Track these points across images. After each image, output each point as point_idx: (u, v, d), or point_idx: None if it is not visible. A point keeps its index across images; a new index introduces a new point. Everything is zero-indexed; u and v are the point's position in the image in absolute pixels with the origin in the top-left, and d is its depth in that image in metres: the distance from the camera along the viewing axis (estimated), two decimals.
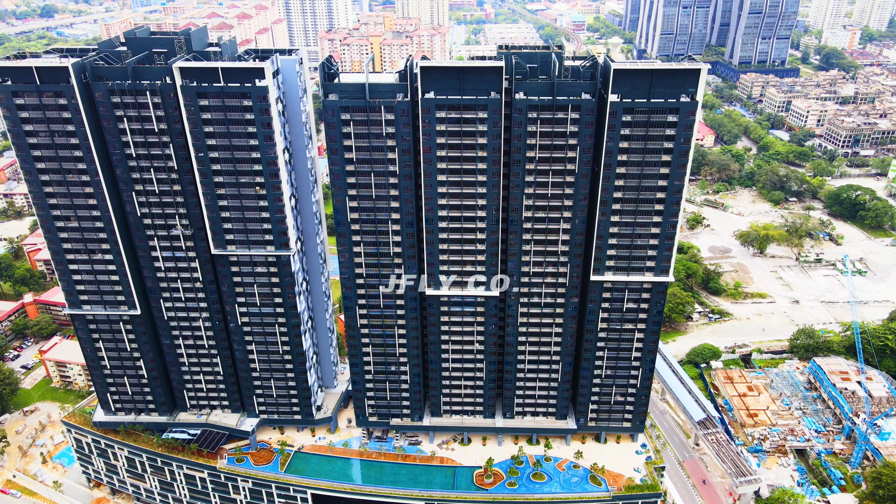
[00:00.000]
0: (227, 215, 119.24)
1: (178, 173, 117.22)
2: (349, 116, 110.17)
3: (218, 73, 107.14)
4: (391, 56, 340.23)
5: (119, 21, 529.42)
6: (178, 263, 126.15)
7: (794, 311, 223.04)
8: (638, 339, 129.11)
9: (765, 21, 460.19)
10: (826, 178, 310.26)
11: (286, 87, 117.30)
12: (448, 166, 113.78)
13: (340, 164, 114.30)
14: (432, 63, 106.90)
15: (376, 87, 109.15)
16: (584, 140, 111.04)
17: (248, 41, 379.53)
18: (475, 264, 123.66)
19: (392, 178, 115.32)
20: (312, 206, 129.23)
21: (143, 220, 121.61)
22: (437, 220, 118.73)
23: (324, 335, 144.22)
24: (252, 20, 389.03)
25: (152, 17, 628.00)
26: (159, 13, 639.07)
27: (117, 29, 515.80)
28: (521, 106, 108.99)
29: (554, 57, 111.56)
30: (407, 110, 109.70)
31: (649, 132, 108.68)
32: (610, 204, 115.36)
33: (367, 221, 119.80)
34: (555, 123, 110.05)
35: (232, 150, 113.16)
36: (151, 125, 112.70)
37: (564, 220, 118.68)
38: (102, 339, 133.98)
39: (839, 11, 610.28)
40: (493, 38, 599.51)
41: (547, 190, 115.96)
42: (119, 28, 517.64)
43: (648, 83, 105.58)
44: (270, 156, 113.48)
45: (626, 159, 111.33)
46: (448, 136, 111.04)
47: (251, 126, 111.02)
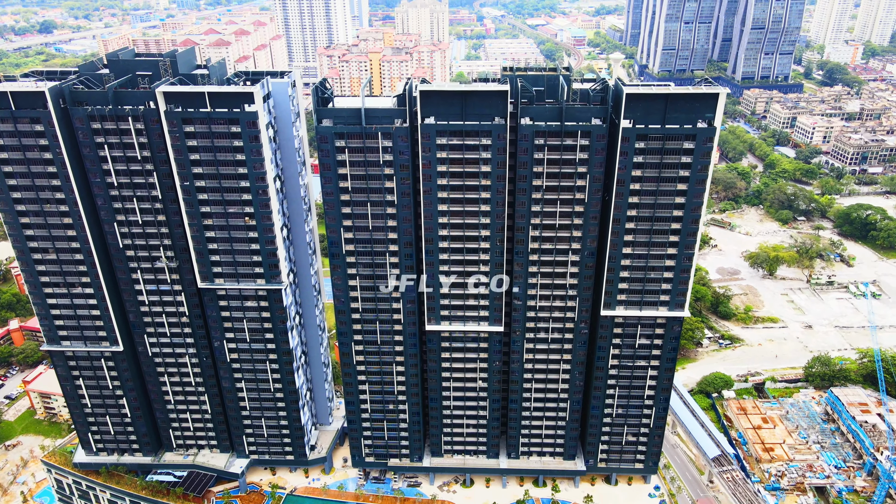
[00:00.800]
0: (214, 247, 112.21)
1: (163, 202, 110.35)
2: (344, 143, 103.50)
3: (204, 97, 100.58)
4: (390, 72, 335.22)
5: (117, 37, 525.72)
6: (163, 297, 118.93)
7: (807, 336, 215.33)
8: (651, 377, 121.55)
9: (767, 36, 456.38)
10: (834, 196, 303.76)
11: (278, 111, 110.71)
12: (449, 195, 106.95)
13: (335, 193, 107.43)
14: (432, 87, 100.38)
15: (373, 112, 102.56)
16: (594, 168, 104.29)
17: (246, 57, 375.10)
18: (478, 298, 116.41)
19: (390, 207, 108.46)
20: (306, 235, 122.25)
21: (125, 251, 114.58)
22: (438, 253, 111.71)
23: (318, 370, 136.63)
24: (250, 36, 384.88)
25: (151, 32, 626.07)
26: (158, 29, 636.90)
27: (115, 45, 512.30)
28: (527, 132, 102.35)
29: (562, 80, 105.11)
30: (406, 136, 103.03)
31: (664, 160, 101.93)
32: (621, 235, 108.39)
33: (364, 254, 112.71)
34: (563, 150, 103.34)
35: (219, 179, 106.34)
36: (134, 152, 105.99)
37: (573, 251, 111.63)
38: (83, 376, 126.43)
39: (841, 26, 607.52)
40: (494, 54, 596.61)
41: (554, 220, 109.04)
42: (117, 44, 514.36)
43: (663, 108, 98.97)
44: (260, 185, 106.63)
45: (639, 188, 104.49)
46: (449, 164, 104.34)
47: (240, 153, 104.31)
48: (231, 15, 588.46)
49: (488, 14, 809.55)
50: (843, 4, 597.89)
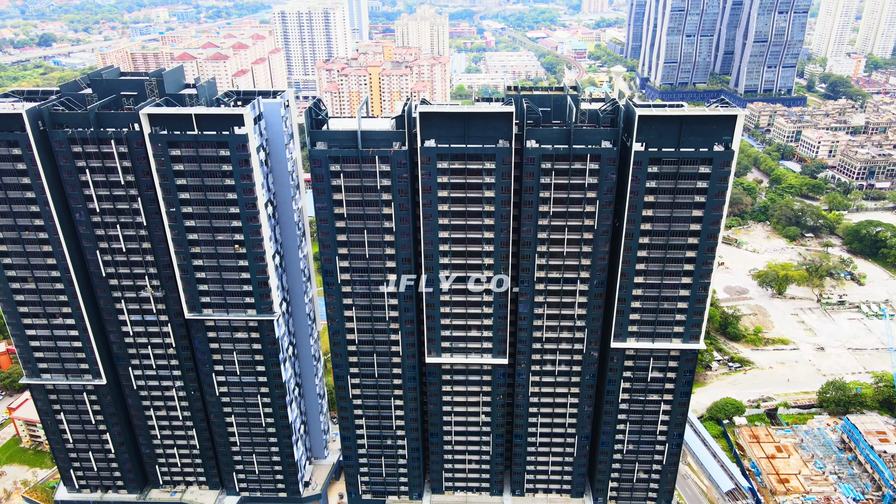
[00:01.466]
0: (202, 276, 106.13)
1: (148, 229, 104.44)
2: (339, 167, 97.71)
3: (191, 119, 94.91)
4: (390, 87, 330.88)
5: (116, 50, 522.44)
6: (149, 328, 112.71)
7: (819, 358, 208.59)
8: (664, 412, 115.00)
9: (770, 49, 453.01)
10: (842, 212, 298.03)
11: (270, 132, 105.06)
12: (451, 222, 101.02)
13: (329, 219, 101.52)
14: (433, 108, 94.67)
15: (370, 134, 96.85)
16: (604, 193, 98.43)
17: (245, 71, 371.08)
18: (481, 329, 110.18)
19: (388, 235, 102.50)
20: (300, 261, 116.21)
21: (108, 280, 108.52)
22: (439, 281, 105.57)
23: (313, 402, 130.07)
24: (248, 50, 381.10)
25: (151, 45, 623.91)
26: (158, 42, 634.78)
27: (114, 58, 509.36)
28: (533, 155, 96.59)
29: (569, 100, 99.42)
30: (404, 160, 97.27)
31: (678, 185, 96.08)
32: (633, 263, 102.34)
33: (360, 283, 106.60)
34: (571, 175, 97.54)
35: (207, 205, 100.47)
36: (117, 177, 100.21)
37: (581, 280, 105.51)
38: (64, 410, 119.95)
39: (842, 39, 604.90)
40: (494, 66, 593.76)
41: (562, 248, 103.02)
42: (116, 57, 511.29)
43: (677, 130, 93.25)
44: (251, 211, 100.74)
45: (652, 214, 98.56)
46: (451, 189, 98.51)
47: (229, 178, 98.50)
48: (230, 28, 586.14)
49: (488, 27, 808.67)
50: (844, 17, 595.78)
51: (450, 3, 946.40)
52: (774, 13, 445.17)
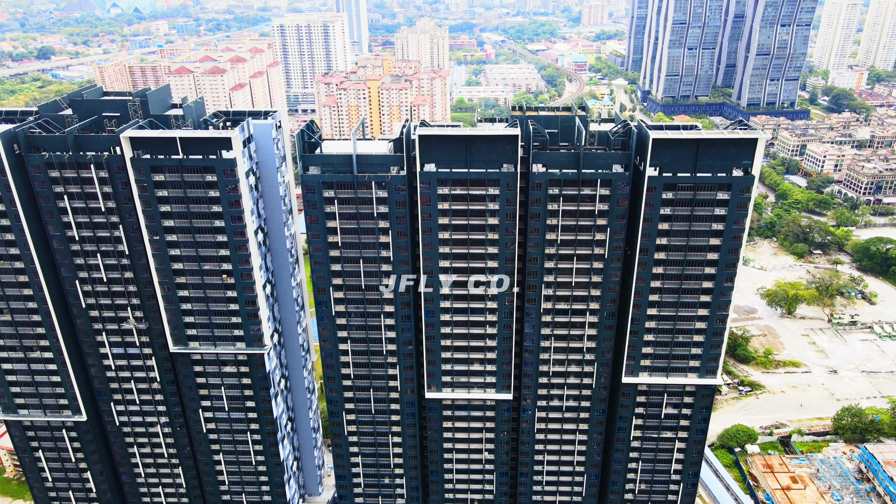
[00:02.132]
0: (188, 307, 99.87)
1: (130, 258, 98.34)
2: (333, 193, 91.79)
3: (175, 143, 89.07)
4: (389, 100, 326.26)
5: (114, 64, 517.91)
6: (132, 362, 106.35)
7: (832, 382, 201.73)
8: (679, 450, 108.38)
9: (773, 62, 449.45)
10: (850, 228, 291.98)
11: (260, 155, 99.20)
12: (452, 250, 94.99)
13: (323, 248, 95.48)
14: (433, 131, 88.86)
15: (366, 158, 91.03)
16: (615, 220, 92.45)
17: (242, 85, 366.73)
18: (484, 362, 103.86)
19: (385, 264, 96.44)
20: (293, 290, 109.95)
21: (88, 311, 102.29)
22: (439, 312, 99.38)
23: (306, 436, 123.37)
24: (246, 64, 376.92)
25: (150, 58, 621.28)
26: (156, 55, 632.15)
27: (111, 72, 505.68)
28: (540, 180, 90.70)
29: (578, 121, 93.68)
30: (403, 186, 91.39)
31: (695, 211, 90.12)
32: (646, 294, 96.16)
33: (356, 315, 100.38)
34: (581, 201, 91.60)
35: (193, 233, 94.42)
36: (97, 203, 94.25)
37: (591, 312, 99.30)
38: (43, 447, 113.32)
39: (844, 51, 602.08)
40: (495, 79, 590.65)
41: (570, 277, 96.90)
42: (113, 71, 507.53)
43: (694, 154, 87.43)
44: (239, 239, 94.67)
45: (667, 243, 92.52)
46: (452, 216, 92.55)
47: (216, 205, 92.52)
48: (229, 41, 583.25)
49: (488, 39, 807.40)
50: (845, 30, 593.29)
51: (450, 15, 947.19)
52: (777, 26, 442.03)
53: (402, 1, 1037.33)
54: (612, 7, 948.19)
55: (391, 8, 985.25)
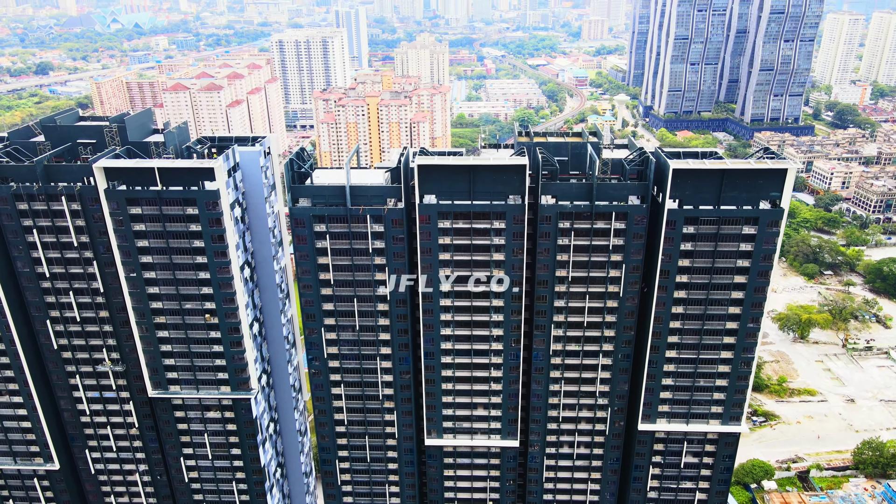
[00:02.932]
0: (168, 349, 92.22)
1: (105, 296, 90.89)
2: (325, 228, 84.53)
3: (153, 173, 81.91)
4: (388, 117, 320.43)
5: (111, 80, 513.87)
6: (108, 406, 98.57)
7: (850, 412, 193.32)
8: (700, 501, 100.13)
9: (776, 78, 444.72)
10: (861, 247, 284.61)
11: (247, 184, 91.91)
12: (454, 288, 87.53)
13: (314, 287, 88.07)
14: (433, 160, 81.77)
15: (360, 190, 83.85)
16: (631, 256, 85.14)
17: (239, 102, 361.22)
18: (488, 407, 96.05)
19: (381, 303, 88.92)
20: (282, 327, 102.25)
21: (60, 353, 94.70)
22: (441, 354, 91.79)
23: (297, 482, 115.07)
24: (244, 80, 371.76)
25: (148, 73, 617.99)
26: (154, 70, 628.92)
27: (108, 87, 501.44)
28: (549, 213, 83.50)
29: (590, 149, 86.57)
30: (401, 220, 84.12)
31: (718, 247, 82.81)
32: (665, 335, 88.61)
33: (350, 357, 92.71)
34: (594, 235, 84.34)
35: (173, 270, 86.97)
36: (69, 238, 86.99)
37: (605, 354, 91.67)
38: (13, 497, 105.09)
39: (846, 66, 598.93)
40: (495, 94, 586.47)
41: (582, 317, 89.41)
42: (110, 86, 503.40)
43: (717, 186, 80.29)
44: (223, 276, 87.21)
45: (688, 280, 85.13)
46: (454, 252, 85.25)
47: (198, 240, 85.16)
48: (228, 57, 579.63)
49: (489, 54, 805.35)
50: (847, 45, 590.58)
51: (449, 30, 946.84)
52: (780, 41, 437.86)
53: (402, 16, 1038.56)
54: (612, 22, 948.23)
55: (391, 23, 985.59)
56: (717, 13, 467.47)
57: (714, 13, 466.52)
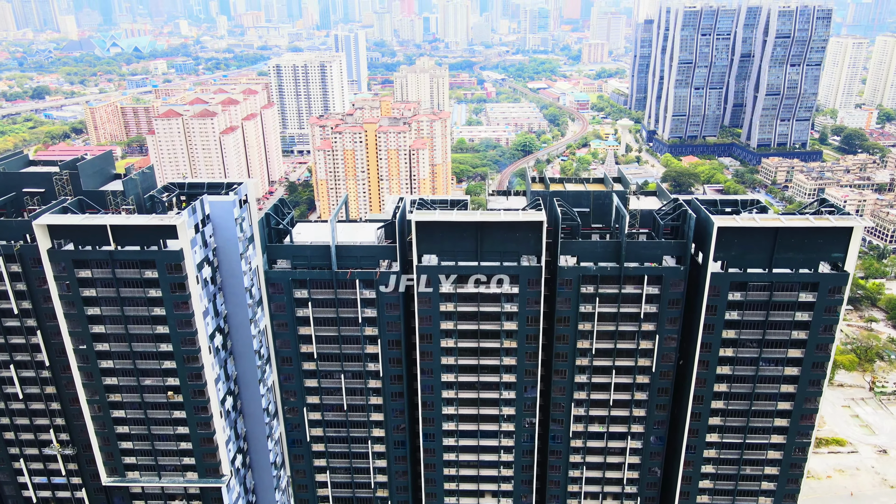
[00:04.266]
0: (125, 430, 79.24)
1: (52, 370, 78.22)
2: (307, 294, 72.03)
3: (105, 231, 69.66)
4: (387, 144, 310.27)
5: (106, 105, 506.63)
6: (58, 493, 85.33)
7: (883, 464, 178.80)
8: None
9: (783, 102, 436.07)
10: (881, 280, 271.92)
11: (220, 239, 79.62)
12: (457, 361, 74.98)
13: (295, 360, 75.37)
14: (433, 216, 69.55)
15: (348, 250, 71.55)
16: (665, 326, 72.54)
17: (234, 128, 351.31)
18: (498, 495, 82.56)
19: (373, 380, 76.21)
20: (261, 399, 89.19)
21: (2, 434, 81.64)
22: (442, 437, 78.73)
23: None
24: (239, 106, 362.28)
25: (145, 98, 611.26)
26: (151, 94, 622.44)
27: (102, 112, 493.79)
28: (570, 276, 71.11)
29: (615, 199, 74.46)
30: (396, 285, 71.63)
31: (770, 317, 70.24)
32: (705, 416, 75.67)
33: (338, 440, 79.64)
34: (622, 301, 71.85)
35: (130, 341, 74.37)
36: (8, 304, 74.59)
37: (633, 437, 78.64)
38: None
39: (851, 90, 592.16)
40: (496, 118, 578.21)
41: (608, 394, 76.60)
42: (104, 111, 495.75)
43: (770, 245, 68.05)
44: (188, 349, 74.54)
45: (733, 354, 72.49)
46: (458, 321, 72.78)
47: (158, 307, 72.67)
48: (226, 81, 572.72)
49: (489, 77, 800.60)
50: (852, 69, 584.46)
51: (449, 53, 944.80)
52: (786, 66, 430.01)
53: (401, 39, 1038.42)
54: (612, 45, 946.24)
55: (391, 46, 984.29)
56: (722, 37, 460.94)
57: (718, 37, 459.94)
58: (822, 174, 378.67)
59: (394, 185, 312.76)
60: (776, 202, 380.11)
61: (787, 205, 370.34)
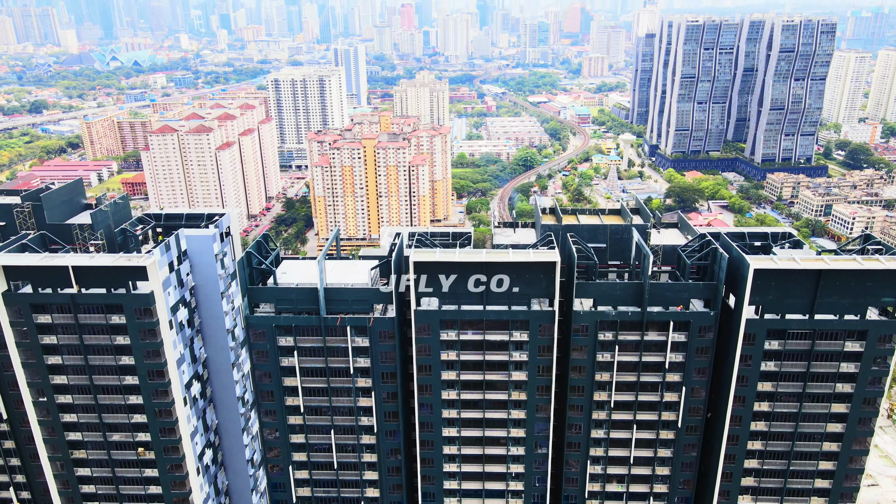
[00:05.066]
0: (90, 490, 71.36)
1: (11, 424, 70.39)
2: (293, 342, 64.42)
3: (67, 272, 62.18)
4: (386, 160, 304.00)
5: (102, 119, 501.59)
6: None
7: None
8: None
9: (788, 117, 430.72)
10: None
11: (198, 276, 72.11)
12: (460, 415, 67.21)
13: (279, 414, 67.63)
14: (434, 256, 62.11)
15: (339, 293, 64.04)
16: (692, 377, 64.87)
17: (231, 144, 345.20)
18: None
19: (366, 435, 68.36)
20: (244, 449, 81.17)
21: None
22: (443, 496, 70.72)
23: None
24: (236, 121, 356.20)
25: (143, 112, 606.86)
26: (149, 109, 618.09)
27: (98, 127, 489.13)
28: (586, 322, 63.58)
29: (636, 235, 67.06)
30: (391, 332, 64.12)
31: (811, 368, 62.61)
32: (738, 478, 67.81)
33: (327, 502, 71.53)
34: (644, 350, 64.21)
35: (95, 393, 66.72)
36: None
37: (656, 497, 70.67)
38: None
39: (854, 104, 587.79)
40: (496, 132, 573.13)
41: (628, 451, 68.72)
42: (100, 126, 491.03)
43: (811, 289, 60.51)
44: (160, 401, 66.82)
45: (769, 409, 64.80)
46: (462, 370, 65.13)
47: (126, 355, 65.07)
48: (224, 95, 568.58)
49: (489, 91, 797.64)
50: (854, 83, 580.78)
51: (449, 67, 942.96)
52: (791, 80, 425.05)
53: (401, 53, 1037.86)
54: (612, 59, 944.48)
55: (391, 60, 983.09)
56: (725, 51, 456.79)
57: (721, 51, 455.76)
58: (830, 190, 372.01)
59: (393, 202, 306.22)
60: (783, 219, 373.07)
61: (795, 221, 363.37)
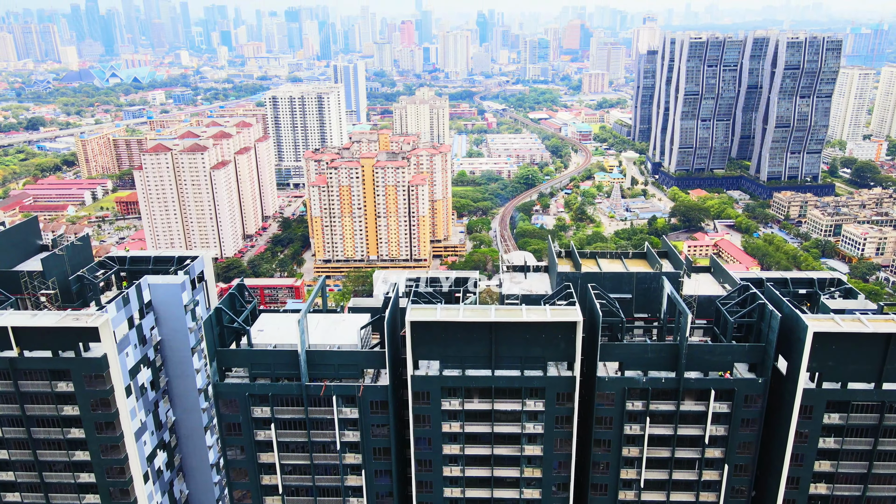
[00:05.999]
0: None
1: None
2: (269, 413, 55.04)
3: (7, 333, 53.03)
4: (385, 180, 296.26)
5: (97, 136, 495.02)
6: None
7: None
8: None
9: (793, 135, 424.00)
10: None
11: (165, 330, 63.21)
12: (465, 494, 57.69)
13: (254, 495, 57.96)
14: (434, 314, 52.92)
15: (323, 356, 54.77)
16: (736, 453, 55.43)
17: (226, 163, 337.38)
18: None
19: None
20: None
21: None
22: None
23: None
24: (232, 140, 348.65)
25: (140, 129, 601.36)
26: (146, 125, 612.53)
27: (94, 144, 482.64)
28: (612, 390, 54.33)
29: (667, 285, 57.95)
30: (385, 402, 54.79)
31: (879, 445, 53.23)
32: None
33: None
34: (679, 422, 54.84)
35: (39, 470, 57.24)
36: None
37: None
38: None
39: (858, 121, 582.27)
40: (497, 149, 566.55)
41: None
42: (96, 144, 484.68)
43: (880, 354, 51.33)
44: (116, 480, 57.35)
45: (827, 492, 55.24)
46: (467, 444, 55.67)
47: (76, 427, 55.71)
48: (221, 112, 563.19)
49: (489, 108, 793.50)
50: (858, 100, 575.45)
51: (449, 83, 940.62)
52: (796, 98, 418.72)
53: (401, 69, 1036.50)
54: (612, 75, 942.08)
55: (391, 76, 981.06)
56: (728, 68, 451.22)
57: (725, 68, 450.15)
58: (839, 209, 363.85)
59: (392, 223, 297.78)
60: (791, 239, 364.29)
61: (804, 241, 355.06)
